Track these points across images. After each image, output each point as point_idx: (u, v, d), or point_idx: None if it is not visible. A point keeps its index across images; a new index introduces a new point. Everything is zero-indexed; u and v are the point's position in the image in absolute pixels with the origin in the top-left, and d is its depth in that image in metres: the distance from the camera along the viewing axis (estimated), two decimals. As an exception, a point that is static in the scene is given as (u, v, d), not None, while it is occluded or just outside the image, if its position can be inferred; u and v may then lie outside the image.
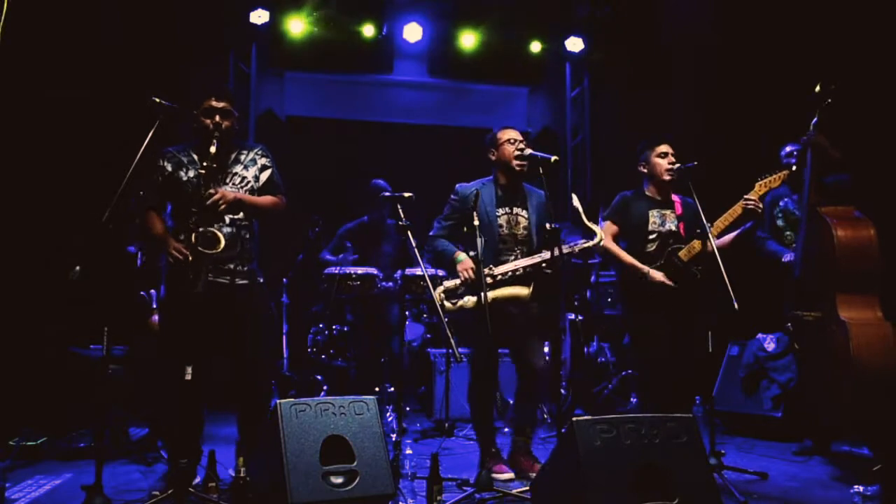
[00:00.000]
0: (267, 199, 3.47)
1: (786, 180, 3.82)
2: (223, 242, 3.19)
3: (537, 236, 3.72)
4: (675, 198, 3.91)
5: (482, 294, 3.29)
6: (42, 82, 4.71)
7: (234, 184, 3.41)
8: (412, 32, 6.55)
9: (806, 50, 5.05)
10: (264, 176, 3.50)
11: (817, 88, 3.79)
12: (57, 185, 4.75)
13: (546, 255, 3.57)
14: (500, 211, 3.74)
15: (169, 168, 3.39)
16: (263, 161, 3.52)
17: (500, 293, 3.59)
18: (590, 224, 3.60)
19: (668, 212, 3.87)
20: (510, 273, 3.60)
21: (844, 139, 3.95)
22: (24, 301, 4.45)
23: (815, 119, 3.85)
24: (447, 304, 3.60)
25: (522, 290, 3.60)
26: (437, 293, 3.59)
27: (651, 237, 3.84)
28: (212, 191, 3.20)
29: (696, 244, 3.71)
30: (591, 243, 3.63)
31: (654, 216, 3.85)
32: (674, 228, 3.83)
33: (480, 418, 3.71)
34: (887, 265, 3.71)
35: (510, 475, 3.58)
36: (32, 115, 4.66)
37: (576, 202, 3.59)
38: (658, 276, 3.73)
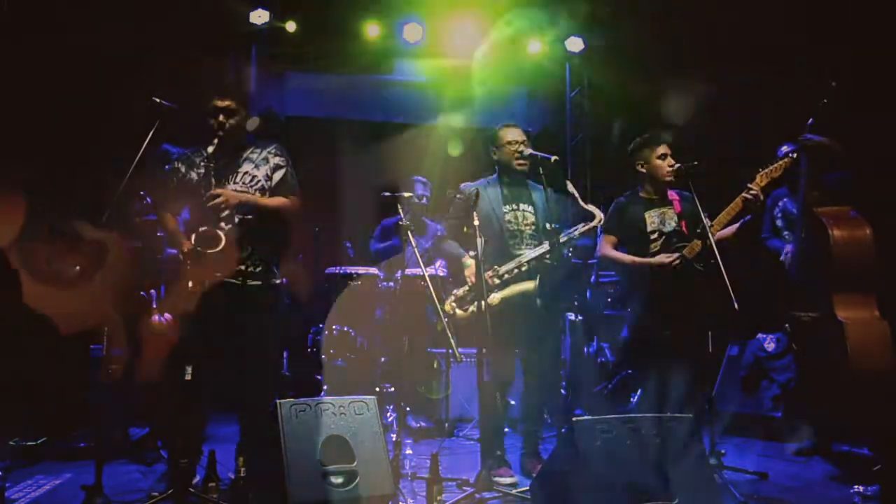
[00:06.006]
0: (275, 200, 3.40)
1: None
2: (223, 241, 3.16)
3: (545, 232, 3.71)
4: (672, 195, 3.89)
5: (483, 295, 3.28)
6: (42, 83, 4.71)
7: (243, 182, 3.37)
8: (412, 32, 6.54)
9: (808, 47, 5.04)
10: (277, 175, 3.43)
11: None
12: (57, 184, 4.74)
13: (546, 246, 3.59)
14: (507, 208, 3.75)
15: (182, 170, 3.39)
16: (277, 160, 3.46)
17: (508, 292, 3.59)
18: (588, 206, 3.61)
19: (666, 210, 3.84)
20: (515, 270, 3.61)
21: (844, 137, 3.94)
22: (23, 300, 4.44)
23: (810, 120, 3.85)
24: (459, 311, 3.61)
25: (529, 285, 3.60)
26: (449, 303, 3.62)
27: (653, 237, 3.81)
28: (215, 191, 3.20)
29: (698, 243, 3.69)
30: (590, 225, 3.63)
31: (651, 216, 3.83)
32: (676, 227, 3.80)
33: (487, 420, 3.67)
34: (884, 265, 3.71)
35: (512, 479, 3.53)
36: (34, 115, 4.65)
37: (570, 188, 3.60)
38: (660, 258, 3.71)
